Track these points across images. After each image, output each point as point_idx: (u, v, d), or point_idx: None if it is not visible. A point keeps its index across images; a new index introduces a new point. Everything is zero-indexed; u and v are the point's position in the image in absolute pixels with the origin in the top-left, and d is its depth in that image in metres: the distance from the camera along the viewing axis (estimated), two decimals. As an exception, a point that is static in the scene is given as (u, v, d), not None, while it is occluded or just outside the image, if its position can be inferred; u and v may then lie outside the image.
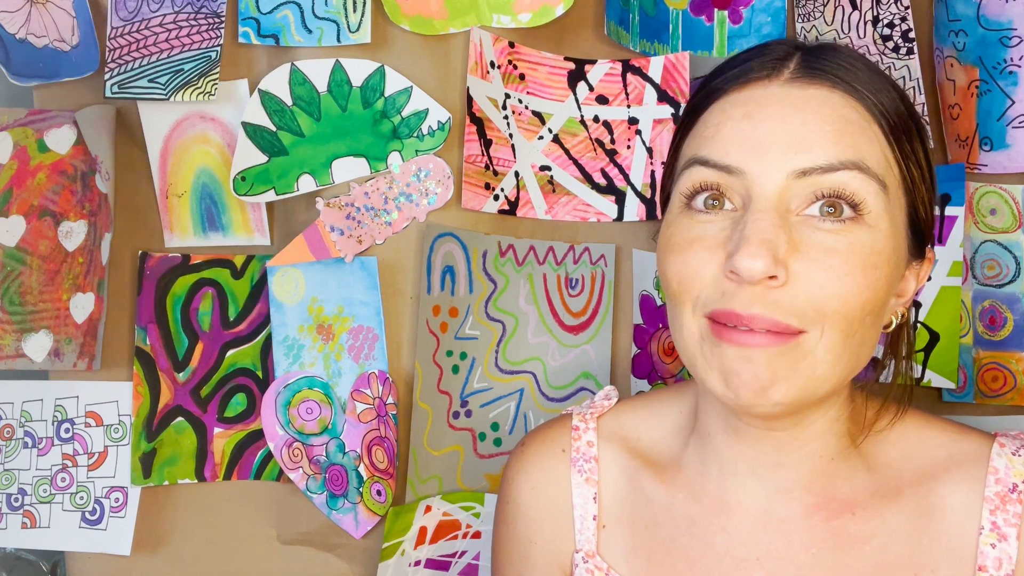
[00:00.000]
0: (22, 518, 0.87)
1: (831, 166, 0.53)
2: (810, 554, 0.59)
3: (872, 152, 0.54)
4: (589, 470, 0.68)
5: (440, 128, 0.84)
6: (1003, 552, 0.57)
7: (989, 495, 0.58)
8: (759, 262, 0.50)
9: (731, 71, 0.58)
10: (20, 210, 0.84)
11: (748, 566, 0.61)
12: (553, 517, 0.69)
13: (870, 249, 0.53)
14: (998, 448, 0.59)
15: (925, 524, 0.59)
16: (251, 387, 0.88)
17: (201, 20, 0.83)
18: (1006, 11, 0.84)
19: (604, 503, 0.68)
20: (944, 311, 0.86)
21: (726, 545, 0.61)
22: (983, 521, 0.58)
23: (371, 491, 0.83)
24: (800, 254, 0.52)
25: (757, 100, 0.56)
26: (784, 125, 0.54)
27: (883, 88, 0.56)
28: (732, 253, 0.52)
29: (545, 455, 0.70)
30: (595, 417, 0.71)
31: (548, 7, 0.85)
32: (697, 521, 0.63)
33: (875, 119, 0.55)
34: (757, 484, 0.61)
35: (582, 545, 0.67)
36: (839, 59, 0.56)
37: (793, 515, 0.60)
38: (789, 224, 0.53)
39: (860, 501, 0.60)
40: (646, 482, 0.66)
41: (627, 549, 0.66)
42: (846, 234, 0.53)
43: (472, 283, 0.87)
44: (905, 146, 0.56)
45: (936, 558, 0.58)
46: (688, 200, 0.57)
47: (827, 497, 0.60)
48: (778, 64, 0.57)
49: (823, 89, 0.55)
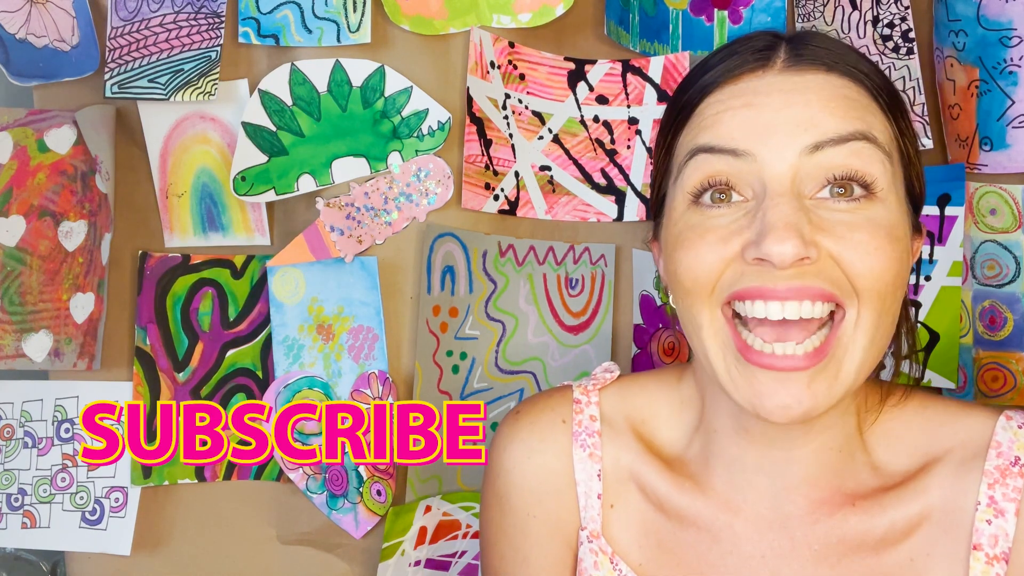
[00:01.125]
0: (22, 518, 0.87)
1: (842, 137, 0.52)
2: (812, 551, 0.59)
3: (877, 124, 0.54)
4: (592, 445, 0.65)
5: (440, 128, 0.84)
6: (999, 528, 0.55)
7: (989, 468, 0.56)
8: (788, 245, 0.49)
9: (719, 65, 0.57)
10: (20, 210, 0.84)
11: (753, 564, 0.60)
12: (556, 490, 0.65)
13: (888, 222, 0.53)
14: (1004, 421, 0.58)
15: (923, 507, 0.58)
16: (251, 387, 0.88)
17: (201, 20, 0.83)
18: (1006, 11, 0.84)
19: (609, 482, 0.65)
20: (944, 311, 0.86)
21: (733, 541, 0.61)
22: (980, 496, 0.56)
23: (371, 491, 0.83)
24: (825, 232, 0.51)
25: (755, 90, 0.55)
26: (788, 108, 0.53)
27: (874, 69, 0.57)
28: (755, 241, 0.51)
29: (545, 423, 0.66)
30: (597, 389, 0.68)
31: (548, 7, 0.85)
32: (704, 515, 0.62)
33: (873, 97, 0.55)
34: (764, 481, 0.60)
35: (587, 523, 0.64)
36: (827, 44, 0.56)
37: (798, 511, 0.60)
38: (805, 205, 0.52)
39: (861, 492, 0.59)
40: (653, 469, 0.64)
41: (639, 534, 0.64)
42: (863, 211, 0.52)
43: (472, 283, 0.87)
44: (901, 122, 0.57)
45: (933, 543, 0.57)
46: (695, 197, 0.56)
47: (832, 491, 0.59)
48: (767, 53, 0.56)
49: (819, 73, 0.55)
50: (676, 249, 0.56)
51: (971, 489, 0.56)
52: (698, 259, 0.54)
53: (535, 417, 0.67)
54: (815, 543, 0.59)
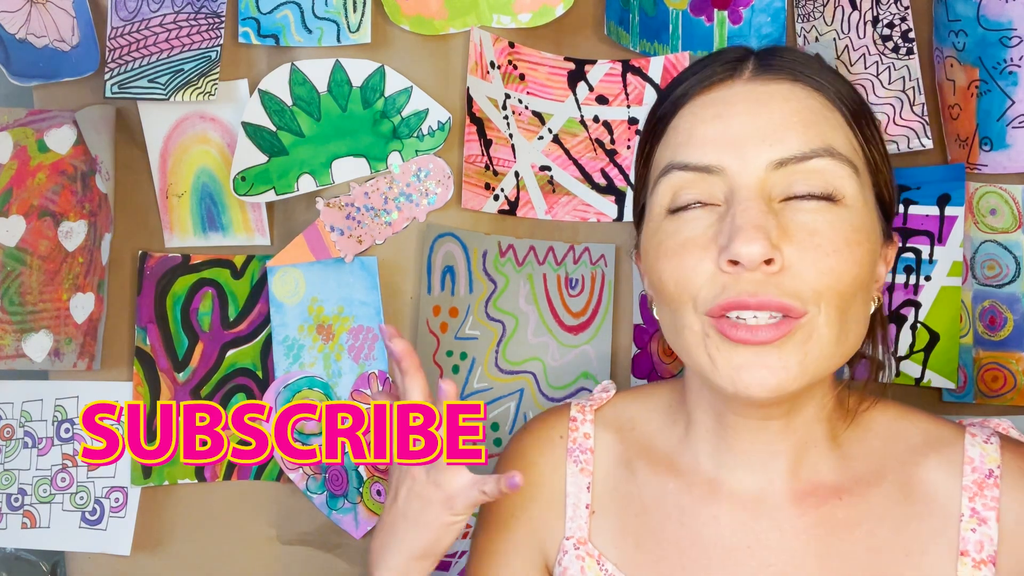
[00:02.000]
0: (22, 518, 0.87)
1: (804, 155, 0.56)
2: (800, 541, 0.60)
3: (839, 137, 0.57)
4: (584, 460, 0.70)
5: (440, 128, 0.84)
6: (983, 535, 0.58)
7: (967, 483, 0.60)
8: (755, 246, 0.52)
9: (692, 77, 0.61)
10: (20, 210, 0.84)
11: (739, 555, 0.61)
12: (542, 498, 0.70)
13: (850, 226, 0.55)
14: (970, 438, 0.62)
15: (910, 508, 0.60)
16: (251, 387, 0.88)
17: (201, 20, 0.83)
18: (1006, 11, 0.84)
19: (596, 490, 0.69)
20: (944, 311, 0.86)
21: (717, 534, 0.62)
22: (963, 508, 0.59)
23: (371, 491, 0.83)
24: (788, 238, 0.54)
25: (724, 100, 0.59)
26: (754, 119, 0.57)
27: (837, 79, 0.60)
28: (726, 245, 0.54)
29: (543, 439, 0.72)
30: (593, 409, 0.72)
31: (548, 7, 0.85)
32: (688, 510, 0.64)
33: (836, 107, 0.58)
34: (747, 474, 0.63)
35: (573, 532, 0.68)
36: (793, 56, 0.60)
37: (783, 503, 0.62)
38: (773, 209, 0.55)
39: (846, 487, 0.61)
40: (639, 471, 0.67)
41: (615, 535, 0.67)
42: (826, 212, 0.55)
43: (472, 283, 0.87)
44: (866, 130, 0.59)
45: (924, 541, 0.59)
46: (670, 211, 0.59)
47: (814, 484, 0.62)
48: (737, 64, 0.60)
49: (785, 83, 0.58)
50: (659, 258, 0.59)
51: (954, 498, 0.60)
52: (681, 267, 0.57)
53: (536, 433, 0.73)
54: (802, 534, 0.61)
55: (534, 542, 0.70)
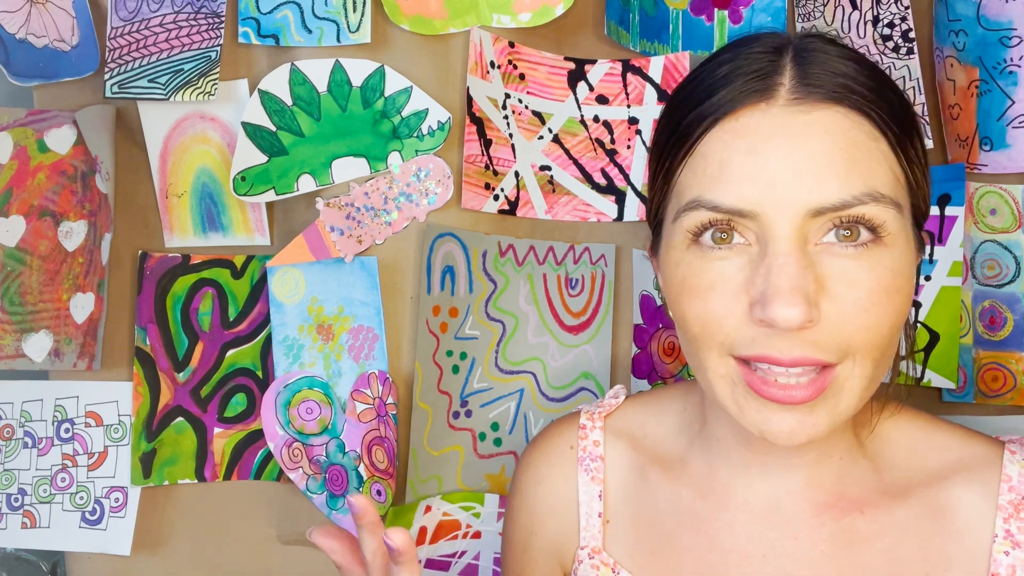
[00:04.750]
0: (22, 518, 0.87)
1: (845, 203, 0.51)
2: (818, 551, 0.59)
3: (883, 175, 0.52)
4: (595, 469, 0.69)
5: (440, 128, 0.84)
6: (1016, 559, 0.56)
7: (1003, 503, 0.57)
8: (794, 311, 0.49)
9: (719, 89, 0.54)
10: (20, 210, 0.84)
11: (754, 563, 0.60)
12: (557, 511, 0.70)
13: (891, 271, 0.52)
14: (1009, 456, 0.59)
15: (936, 524, 0.58)
16: (251, 387, 0.88)
17: (201, 20, 0.83)
18: (1006, 11, 0.84)
19: (609, 499, 0.68)
20: (944, 311, 0.86)
21: (732, 542, 0.61)
22: (997, 529, 0.57)
23: (371, 491, 0.83)
24: (826, 292, 0.51)
25: (757, 130, 0.52)
26: (791, 157, 0.51)
27: (882, 87, 0.54)
28: (761, 302, 0.50)
29: (553, 451, 0.71)
30: (602, 416, 0.71)
31: (548, 7, 0.85)
32: (703, 518, 0.63)
33: (882, 133, 0.53)
34: (766, 484, 0.61)
35: (587, 542, 0.67)
36: (833, 65, 0.53)
37: (801, 513, 0.60)
38: (810, 258, 0.51)
39: (869, 500, 0.60)
40: (652, 478, 0.67)
41: (630, 544, 0.66)
42: (866, 258, 0.51)
43: (472, 283, 0.87)
44: (909, 151, 0.54)
45: (949, 559, 0.58)
46: (694, 236, 0.54)
47: (836, 495, 0.60)
48: (769, 82, 0.53)
49: (826, 110, 0.52)
50: (682, 295, 0.55)
51: (987, 519, 0.58)
52: (707, 312, 0.53)
53: (546, 445, 0.73)
54: (821, 543, 0.59)
55: (552, 553, 0.70)
